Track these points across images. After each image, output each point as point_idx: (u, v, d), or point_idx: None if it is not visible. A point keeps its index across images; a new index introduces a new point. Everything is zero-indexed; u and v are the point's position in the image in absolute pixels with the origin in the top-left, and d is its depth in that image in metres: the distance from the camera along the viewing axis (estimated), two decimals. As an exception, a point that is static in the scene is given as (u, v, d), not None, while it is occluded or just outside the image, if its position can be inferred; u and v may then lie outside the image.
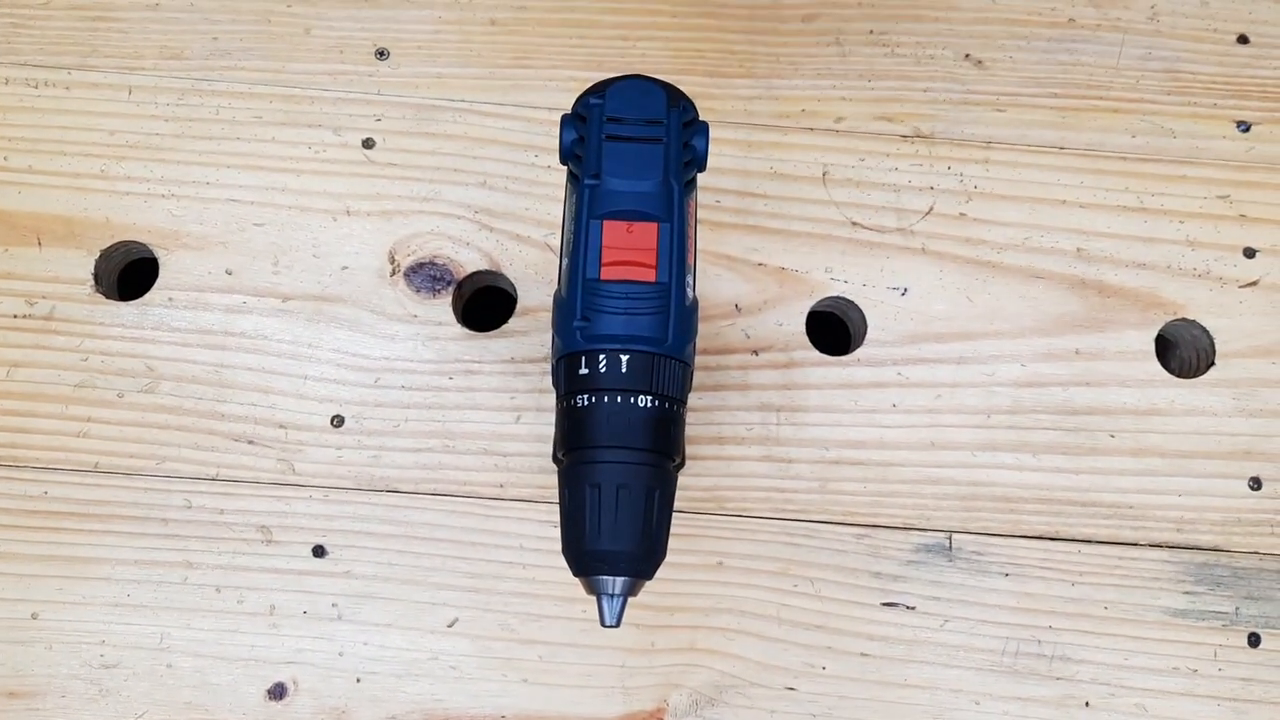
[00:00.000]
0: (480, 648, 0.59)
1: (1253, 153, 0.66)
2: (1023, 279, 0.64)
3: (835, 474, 0.62)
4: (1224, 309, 0.64)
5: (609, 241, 0.48)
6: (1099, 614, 0.60)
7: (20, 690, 0.58)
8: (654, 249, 0.48)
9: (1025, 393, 0.63)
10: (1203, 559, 0.61)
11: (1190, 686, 0.60)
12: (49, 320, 0.62)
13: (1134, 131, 0.66)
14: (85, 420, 0.61)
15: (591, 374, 0.48)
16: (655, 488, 0.48)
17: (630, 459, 0.48)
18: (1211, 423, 0.63)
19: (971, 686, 0.60)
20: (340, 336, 0.62)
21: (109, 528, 0.60)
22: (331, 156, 0.64)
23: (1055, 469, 0.62)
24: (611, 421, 0.48)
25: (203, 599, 0.59)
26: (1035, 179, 0.65)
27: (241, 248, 0.63)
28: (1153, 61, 0.67)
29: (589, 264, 0.48)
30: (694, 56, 0.66)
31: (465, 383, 0.62)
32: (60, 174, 0.64)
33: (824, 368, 0.63)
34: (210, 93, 0.65)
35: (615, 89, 0.49)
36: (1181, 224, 0.65)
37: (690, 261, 0.50)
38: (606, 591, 0.48)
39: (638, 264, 0.48)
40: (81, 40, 0.65)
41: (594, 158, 0.49)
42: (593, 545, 0.47)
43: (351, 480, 0.61)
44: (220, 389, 0.62)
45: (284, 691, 0.59)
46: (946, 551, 0.61)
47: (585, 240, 0.49)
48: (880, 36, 0.67)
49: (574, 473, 0.48)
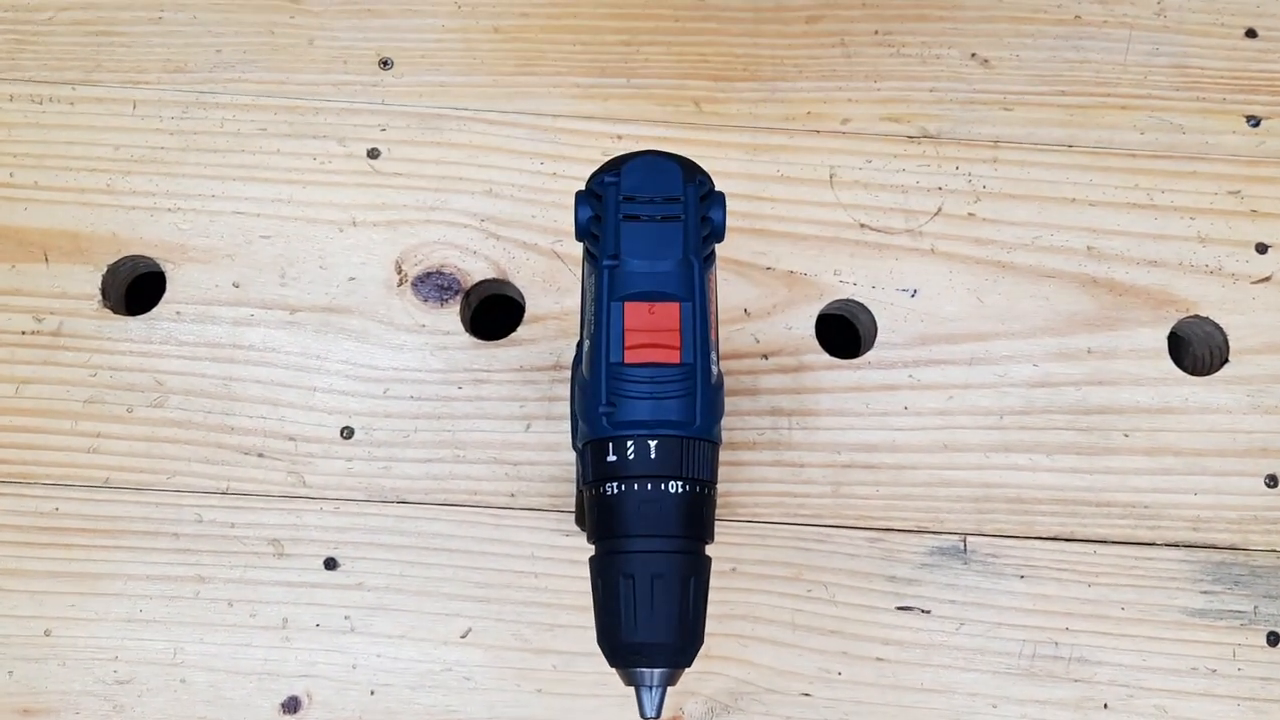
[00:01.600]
0: (494, 658, 0.59)
1: (1263, 147, 0.66)
2: (1033, 278, 0.64)
3: (847, 478, 0.61)
4: (1237, 305, 0.64)
5: (631, 324, 0.47)
6: (1116, 615, 0.60)
7: (34, 708, 0.58)
8: (677, 329, 0.47)
9: (1038, 393, 0.62)
10: (1220, 558, 0.61)
11: (1209, 687, 0.59)
12: (57, 336, 0.62)
13: (1143, 128, 0.66)
14: (95, 436, 0.61)
15: (620, 461, 0.47)
16: (690, 575, 0.47)
17: (664, 547, 0.47)
18: (1226, 420, 0.62)
19: (988, 690, 0.59)
20: (349, 347, 0.62)
21: (120, 543, 0.60)
22: (337, 167, 0.64)
23: (1069, 469, 0.61)
24: (643, 510, 0.47)
25: (215, 613, 0.59)
26: (1044, 177, 0.65)
27: (248, 260, 0.63)
28: (1160, 57, 0.67)
29: (612, 348, 0.47)
30: (698, 61, 0.66)
31: (474, 392, 0.62)
32: (66, 189, 0.64)
33: (834, 371, 0.63)
34: (215, 105, 0.65)
35: (630, 167, 0.48)
36: (1192, 220, 0.65)
37: (713, 338, 0.49)
38: (645, 684, 0.47)
39: (661, 346, 0.47)
40: (85, 55, 0.65)
41: (612, 238, 0.48)
42: (629, 638, 0.46)
43: (362, 492, 0.61)
44: (229, 402, 0.61)
45: (298, 705, 0.59)
46: (961, 554, 0.61)
47: (607, 323, 0.47)
48: (885, 37, 0.67)
49: (606, 562, 0.47)
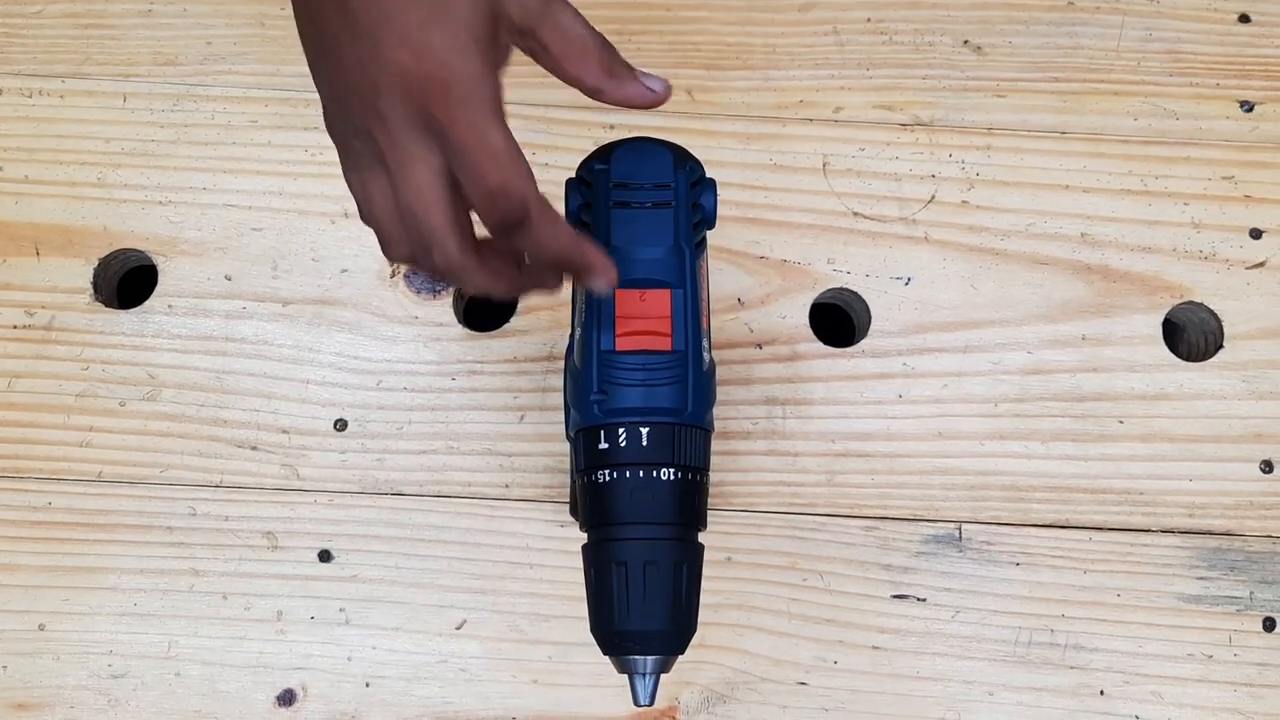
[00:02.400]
0: (489, 649, 0.59)
1: (1256, 132, 0.65)
2: (1027, 266, 0.64)
3: (842, 466, 0.61)
4: (1231, 291, 0.63)
5: (622, 311, 0.47)
6: (1112, 602, 0.60)
7: (29, 702, 0.58)
8: (668, 316, 0.47)
9: (1032, 380, 0.62)
10: (1215, 544, 0.61)
11: (1205, 673, 0.59)
12: (49, 330, 0.62)
13: (1136, 114, 0.66)
14: (88, 430, 0.61)
15: (612, 448, 0.47)
16: (684, 562, 0.47)
17: (656, 534, 0.47)
18: (1221, 406, 0.62)
19: (984, 677, 0.59)
20: (341, 340, 0.62)
21: (114, 537, 0.60)
22: (328, 159, 0.63)
23: (1064, 456, 0.61)
24: (635, 497, 0.47)
25: (209, 606, 0.59)
26: (1037, 164, 0.65)
27: (240, 253, 0.63)
28: (1154, 43, 0.67)
29: (603, 335, 0.47)
30: (690, 50, 0.66)
31: (468, 383, 0.62)
32: (57, 183, 0.64)
33: (829, 360, 0.62)
34: (205, 98, 0.65)
35: (620, 153, 0.48)
36: (1186, 206, 0.65)
37: (705, 325, 0.49)
38: (639, 671, 0.47)
39: (653, 333, 0.47)
40: (75, 48, 0.65)
41: (603, 226, 0.47)
42: (622, 625, 0.46)
43: (356, 484, 0.61)
44: (222, 395, 0.61)
45: (293, 698, 0.59)
46: (956, 542, 0.60)
47: (598, 311, 0.47)
48: (878, 24, 0.67)
49: (599, 550, 0.47)
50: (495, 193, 0.40)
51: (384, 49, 0.40)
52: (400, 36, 0.40)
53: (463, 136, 0.40)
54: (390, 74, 0.40)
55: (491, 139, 0.40)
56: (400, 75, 0.40)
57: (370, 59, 0.40)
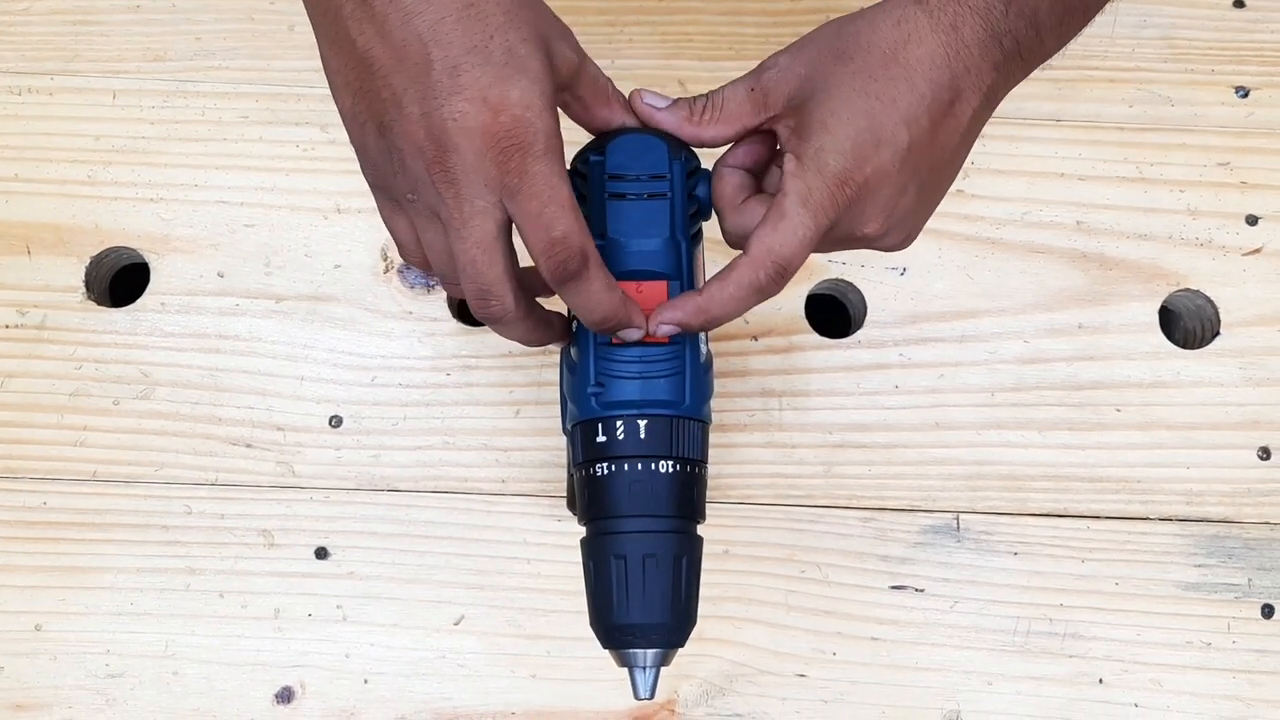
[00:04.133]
0: (487, 644, 0.59)
1: (1252, 118, 0.65)
2: (1023, 254, 0.63)
3: (839, 458, 0.61)
4: (1227, 278, 0.63)
5: None
6: (1110, 590, 0.60)
7: (26, 703, 0.58)
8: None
9: (1029, 369, 0.62)
10: (1213, 531, 0.61)
11: (1204, 660, 0.59)
12: (41, 329, 0.62)
13: (1131, 101, 0.65)
14: (82, 429, 0.61)
15: (609, 441, 0.46)
16: (683, 554, 0.47)
17: (655, 527, 0.46)
18: (1218, 393, 0.62)
19: (983, 667, 0.59)
20: (335, 336, 0.62)
21: (110, 536, 0.60)
22: (320, 154, 0.64)
23: (1061, 445, 0.61)
24: (633, 490, 0.46)
25: (206, 605, 0.59)
26: (1032, 152, 0.65)
27: (232, 250, 0.63)
28: (1148, 29, 0.66)
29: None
30: (682, 41, 0.66)
31: (463, 378, 0.61)
32: (47, 181, 0.63)
33: (824, 351, 0.62)
34: (195, 94, 0.64)
35: (615, 145, 0.47)
36: (1182, 193, 0.64)
37: None
38: (639, 665, 0.47)
39: None
40: (63, 45, 0.65)
41: (598, 218, 0.47)
42: (622, 619, 0.46)
43: (352, 480, 0.60)
44: (216, 393, 0.61)
45: (291, 695, 0.58)
46: (954, 532, 0.60)
47: None
48: (871, 13, 0.66)
49: (598, 543, 0.47)
50: (558, 242, 0.42)
51: (459, 107, 0.40)
52: (477, 95, 0.40)
53: (539, 190, 0.41)
54: (464, 132, 0.40)
55: (563, 191, 0.42)
56: (478, 133, 0.40)
57: (443, 117, 0.40)
